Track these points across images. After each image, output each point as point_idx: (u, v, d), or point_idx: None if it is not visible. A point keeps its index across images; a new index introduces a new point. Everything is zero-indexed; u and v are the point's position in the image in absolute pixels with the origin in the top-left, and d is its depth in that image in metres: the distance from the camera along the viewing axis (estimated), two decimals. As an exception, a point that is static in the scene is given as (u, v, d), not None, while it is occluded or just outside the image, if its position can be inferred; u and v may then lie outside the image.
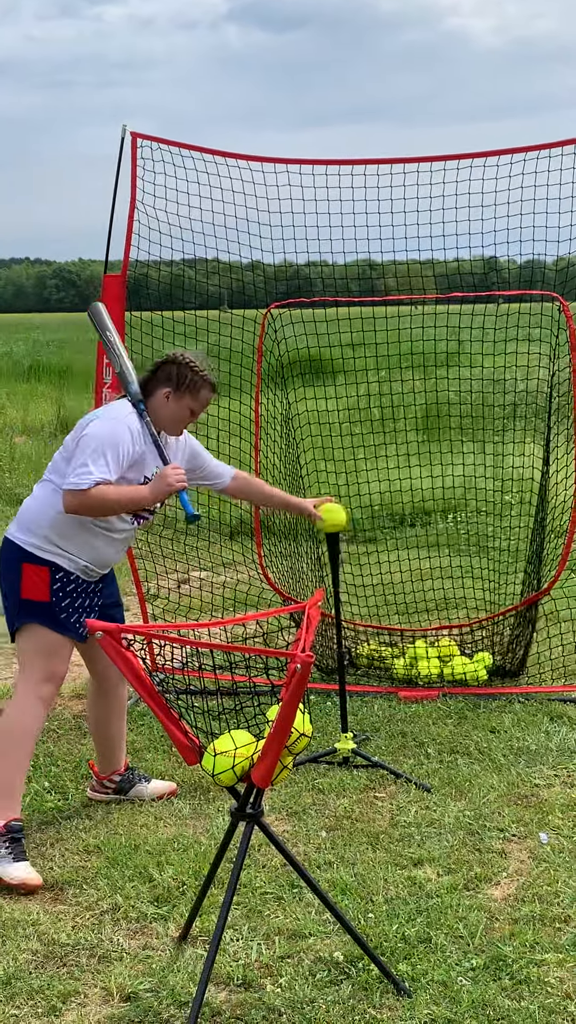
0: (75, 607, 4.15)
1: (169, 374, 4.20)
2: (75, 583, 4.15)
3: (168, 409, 4.20)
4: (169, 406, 4.20)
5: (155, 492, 4.08)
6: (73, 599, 4.15)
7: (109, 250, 5.55)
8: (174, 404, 4.19)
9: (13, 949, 3.50)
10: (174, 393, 4.19)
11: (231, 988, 3.30)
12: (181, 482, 4.10)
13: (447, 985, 3.26)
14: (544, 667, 5.94)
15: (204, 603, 6.59)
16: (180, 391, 4.19)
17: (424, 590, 6.74)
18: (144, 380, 4.26)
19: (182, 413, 4.23)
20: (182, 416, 4.24)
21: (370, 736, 5.17)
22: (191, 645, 3.26)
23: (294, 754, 3.14)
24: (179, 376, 4.19)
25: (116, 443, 4.01)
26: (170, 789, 4.59)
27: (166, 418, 4.22)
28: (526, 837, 4.19)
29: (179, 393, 4.19)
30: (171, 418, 4.23)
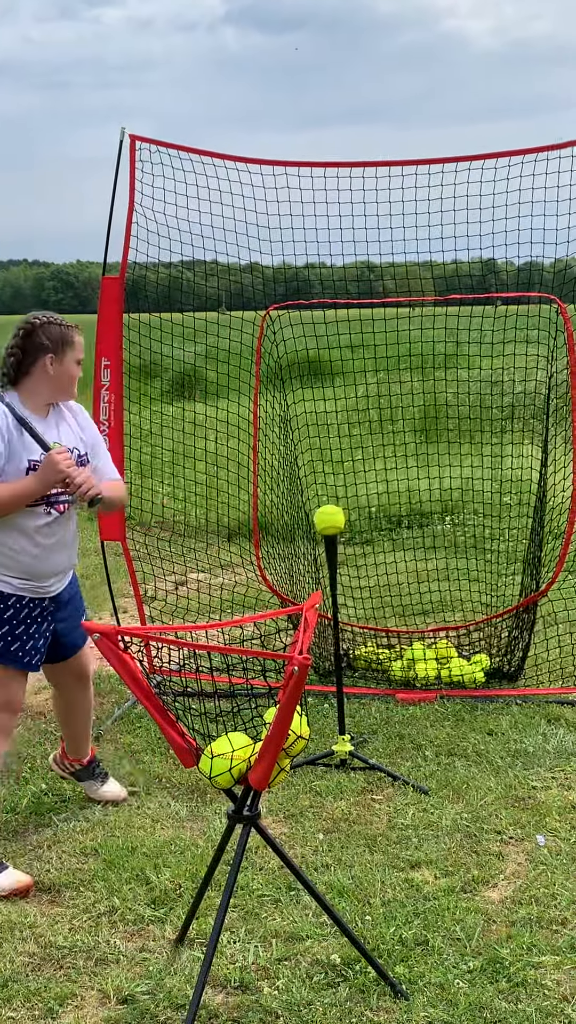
0: (17, 635, 3.93)
1: (40, 342, 3.88)
2: (15, 608, 3.92)
3: (58, 375, 3.91)
4: (57, 371, 3.90)
5: (43, 481, 3.76)
6: (14, 626, 3.92)
7: (108, 252, 5.55)
8: (60, 367, 3.90)
9: (10, 951, 3.50)
10: (56, 355, 3.89)
11: (228, 990, 3.30)
12: (69, 465, 3.77)
13: (444, 987, 3.26)
14: (542, 669, 5.94)
15: (202, 605, 6.59)
16: (60, 350, 3.90)
17: (422, 592, 6.73)
18: (14, 364, 3.90)
19: (72, 369, 3.95)
20: (73, 372, 3.96)
21: (367, 738, 5.17)
22: (188, 647, 3.26)
23: (291, 756, 3.13)
24: (50, 337, 3.88)
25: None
26: (120, 796, 4.56)
27: (58, 385, 3.94)
28: (523, 839, 4.19)
29: (60, 352, 3.90)
30: (64, 381, 3.94)
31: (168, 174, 5.62)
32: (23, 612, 3.94)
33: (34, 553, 3.90)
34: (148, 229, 5.65)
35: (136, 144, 5.56)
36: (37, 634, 3.99)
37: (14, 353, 3.89)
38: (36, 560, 3.91)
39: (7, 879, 3.87)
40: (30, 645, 3.96)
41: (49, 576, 4.00)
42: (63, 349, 3.90)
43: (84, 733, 4.52)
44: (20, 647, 3.94)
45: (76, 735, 4.51)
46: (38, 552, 3.91)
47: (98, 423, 5.14)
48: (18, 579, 3.91)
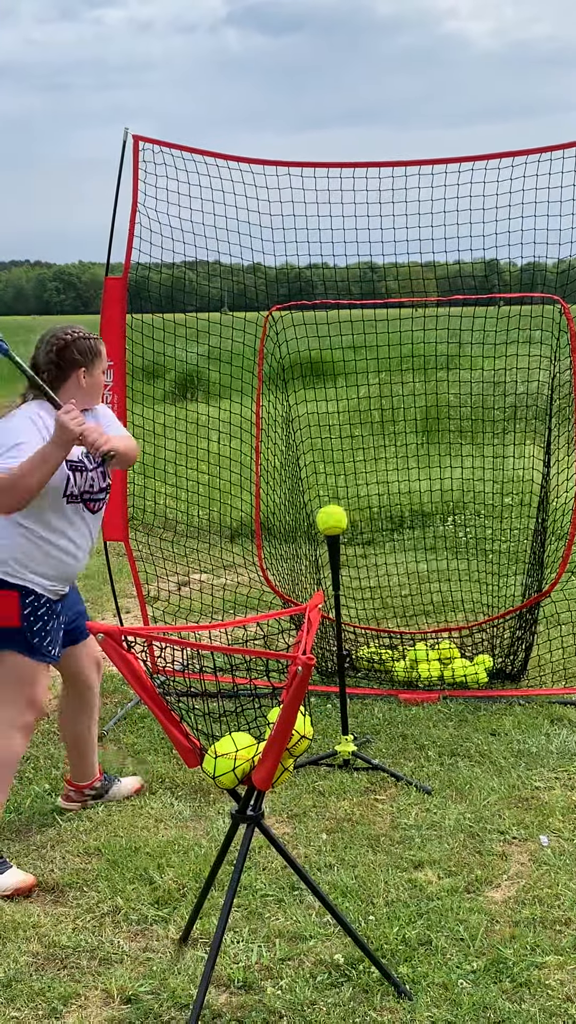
0: (47, 630, 4.05)
1: (72, 357, 4.04)
2: (45, 606, 4.04)
3: (89, 386, 4.10)
4: (89, 383, 4.10)
5: (59, 441, 3.78)
6: (45, 623, 4.04)
7: (111, 252, 5.55)
8: (91, 379, 4.10)
9: (14, 951, 3.50)
10: (87, 369, 4.08)
11: (232, 990, 3.30)
12: (80, 422, 3.81)
13: (448, 988, 3.26)
14: (545, 669, 5.94)
15: (204, 605, 6.59)
16: (91, 363, 4.09)
17: (423, 592, 6.74)
18: (51, 379, 4.02)
19: (100, 379, 4.18)
20: (101, 381, 4.20)
21: (370, 739, 5.17)
22: (192, 647, 3.27)
23: (295, 756, 3.14)
24: (80, 351, 4.06)
25: (4, 429, 3.89)
26: (139, 784, 4.65)
27: (90, 396, 4.13)
28: (527, 840, 4.19)
29: (91, 366, 4.10)
30: (95, 391, 4.16)
31: (171, 174, 5.63)
32: (52, 608, 4.07)
33: (67, 560, 4.07)
34: (151, 230, 5.65)
35: (139, 144, 5.56)
36: (58, 627, 4.13)
37: (48, 369, 4.02)
38: (68, 567, 4.09)
39: (10, 878, 3.88)
40: (52, 639, 4.08)
41: (72, 579, 4.21)
42: (93, 362, 4.09)
43: (93, 744, 4.50)
44: (52, 642, 4.07)
45: (87, 747, 4.48)
46: (72, 560, 4.09)
47: None
48: (50, 582, 4.03)
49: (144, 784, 4.65)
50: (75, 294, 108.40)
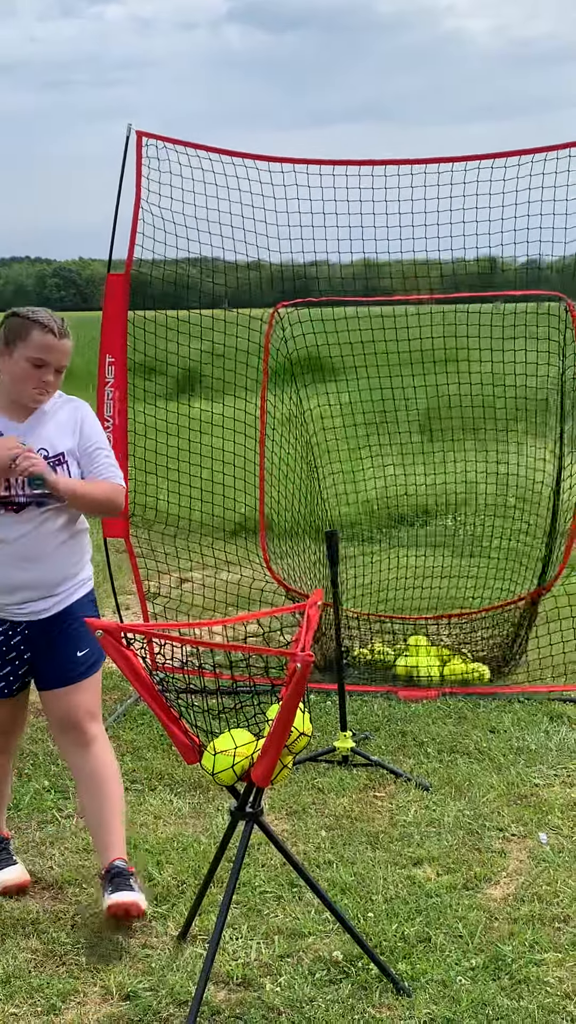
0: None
1: (1, 335, 3.55)
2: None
3: (7, 372, 3.54)
4: (7, 368, 3.53)
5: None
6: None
7: (113, 249, 5.55)
8: (10, 363, 3.51)
9: (12, 948, 3.50)
10: (5, 350, 3.52)
11: (230, 987, 3.30)
12: (33, 464, 3.44)
13: (446, 984, 3.26)
14: (544, 666, 5.94)
15: (205, 601, 6.59)
16: (10, 345, 3.51)
17: (425, 587, 6.73)
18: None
19: (19, 368, 3.50)
20: (22, 372, 3.51)
21: (370, 735, 5.17)
22: (191, 644, 3.27)
23: (294, 753, 3.14)
24: (5, 331, 3.53)
25: None
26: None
27: (11, 384, 3.55)
28: (526, 837, 4.19)
29: (9, 348, 3.51)
30: (14, 378, 3.53)
31: (174, 171, 5.61)
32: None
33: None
34: (154, 226, 5.64)
35: (142, 140, 5.56)
36: (1, 660, 3.61)
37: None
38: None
39: (7, 874, 3.86)
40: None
41: (11, 590, 3.57)
42: (13, 344, 3.51)
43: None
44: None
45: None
46: (4, 566, 3.55)
47: (102, 420, 5.09)
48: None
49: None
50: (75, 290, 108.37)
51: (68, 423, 3.67)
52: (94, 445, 3.69)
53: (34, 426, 3.61)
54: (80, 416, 3.71)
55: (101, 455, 3.71)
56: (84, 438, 3.68)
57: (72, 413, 3.70)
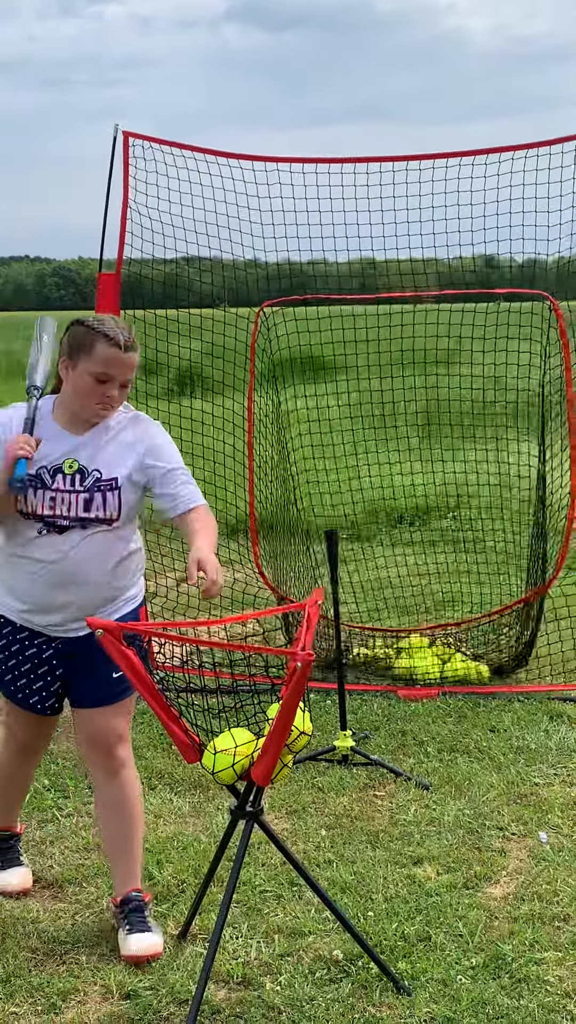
0: (8, 665, 3.52)
1: (63, 346, 3.39)
2: (8, 635, 3.49)
3: (70, 384, 3.36)
4: (70, 380, 3.36)
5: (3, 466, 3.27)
6: (6, 653, 3.51)
7: (103, 248, 5.56)
8: (73, 375, 3.34)
9: (12, 947, 3.50)
10: (68, 361, 3.34)
11: (231, 986, 3.30)
12: (20, 449, 3.26)
13: (446, 983, 3.26)
14: (544, 665, 5.94)
15: (203, 602, 6.58)
16: (73, 357, 3.33)
17: (422, 586, 6.74)
18: (56, 369, 3.49)
19: (82, 382, 3.32)
20: (84, 386, 3.32)
21: (369, 734, 5.17)
22: (191, 643, 3.26)
23: (294, 752, 3.13)
24: (70, 341, 3.36)
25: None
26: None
27: (73, 397, 3.38)
28: (526, 836, 4.19)
29: (73, 359, 3.33)
30: (76, 392, 3.35)
31: (162, 171, 5.63)
32: (18, 638, 3.50)
33: (29, 580, 3.42)
34: (143, 226, 5.65)
35: (129, 141, 5.56)
36: (31, 671, 3.51)
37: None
38: (31, 589, 3.42)
39: (11, 876, 3.85)
40: (22, 682, 3.52)
41: (48, 608, 3.44)
42: (77, 355, 3.33)
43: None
44: (16, 683, 3.54)
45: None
46: (37, 582, 3.41)
47: None
48: (20, 603, 3.46)
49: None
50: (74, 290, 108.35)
51: (132, 445, 3.44)
52: (167, 467, 3.45)
53: (94, 441, 3.41)
54: (147, 438, 3.48)
55: (178, 477, 3.47)
56: (155, 461, 3.45)
57: (138, 434, 3.47)
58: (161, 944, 3.46)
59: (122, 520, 3.42)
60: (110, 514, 3.38)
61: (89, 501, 3.36)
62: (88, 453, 3.40)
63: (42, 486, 3.35)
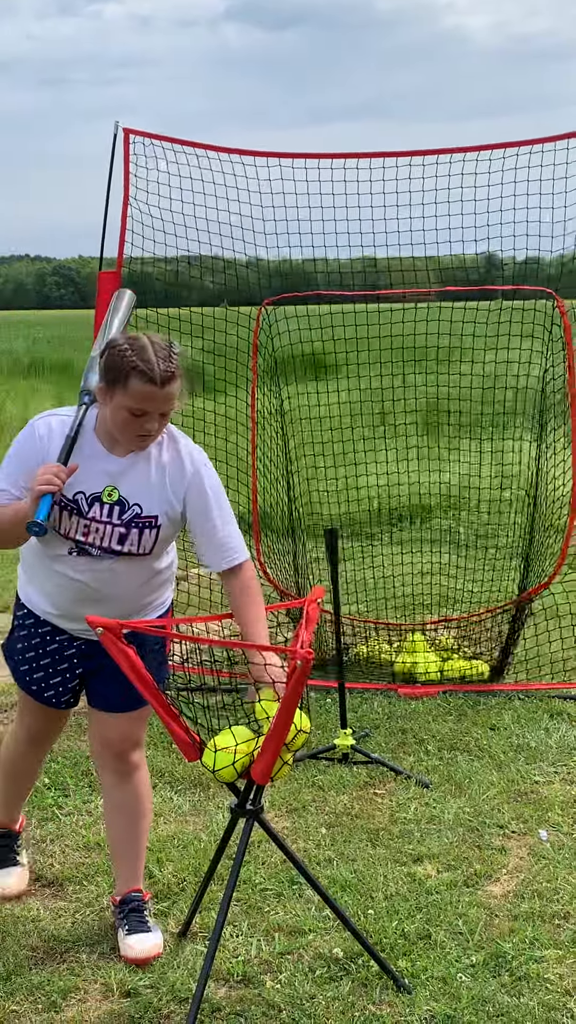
0: (27, 657, 3.47)
1: (102, 367, 3.20)
2: (31, 628, 3.45)
3: (108, 412, 3.19)
4: (108, 408, 3.18)
5: (29, 499, 3.11)
6: (26, 644, 3.46)
7: (104, 247, 5.55)
8: (111, 406, 3.16)
9: (13, 945, 3.50)
10: (106, 389, 3.16)
11: (231, 984, 3.30)
12: (45, 484, 3.07)
13: (447, 981, 3.26)
14: (544, 663, 5.93)
15: (203, 600, 6.58)
16: (110, 386, 3.14)
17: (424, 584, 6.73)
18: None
19: (119, 416, 3.15)
20: (121, 420, 3.15)
21: (370, 733, 5.17)
22: (191, 641, 3.26)
23: (293, 751, 3.13)
24: (107, 366, 3.16)
25: (13, 448, 3.27)
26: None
27: (111, 426, 3.21)
28: (526, 834, 4.19)
29: (110, 389, 3.14)
30: (115, 425, 3.19)
31: (163, 167, 5.62)
32: (42, 633, 3.45)
33: (58, 593, 3.36)
34: (144, 224, 5.64)
35: (129, 138, 5.55)
36: (52, 667, 3.45)
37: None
38: (58, 599, 3.37)
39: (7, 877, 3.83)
40: (40, 675, 3.46)
41: (77, 619, 3.33)
42: (113, 387, 3.13)
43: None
44: (29, 670, 3.48)
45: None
46: (65, 595, 3.35)
47: None
48: (51, 606, 3.41)
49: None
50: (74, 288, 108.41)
51: (174, 479, 3.30)
52: (211, 521, 3.33)
53: (136, 468, 3.26)
54: (190, 473, 3.31)
55: (218, 531, 3.34)
56: (197, 507, 3.32)
57: (180, 466, 3.30)
58: (161, 944, 3.45)
59: (156, 553, 3.33)
60: (143, 549, 3.28)
61: (124, 536, 3.24)
62: (129, 482, 3.25)
63: (78, 513, 3.22)
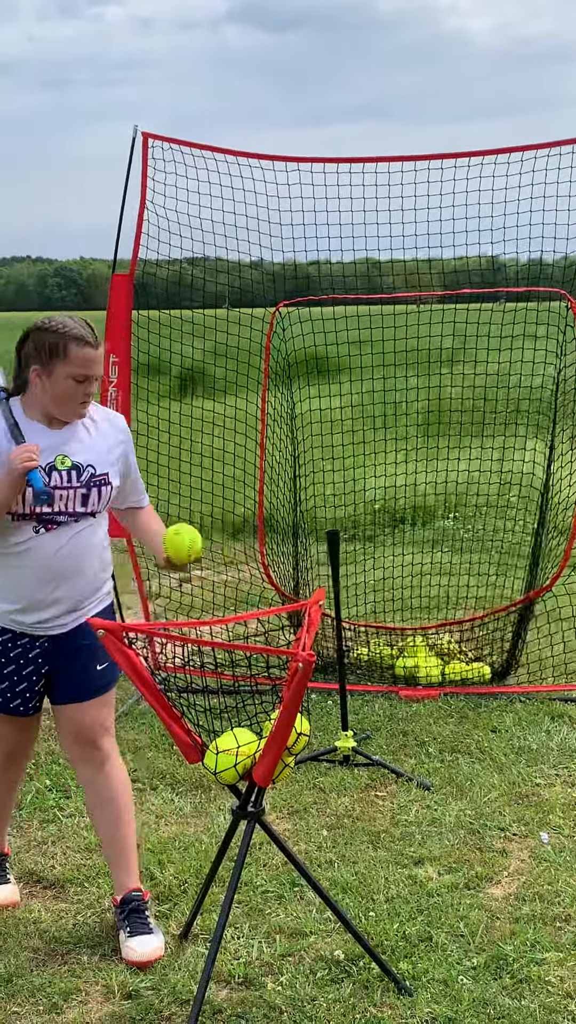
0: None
1: (28, 351, 3.36)
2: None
3: (48, 391, 3.34)
4: (47, 386, 3.34)
5: (8, 481, 3.26)
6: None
7: (118, 249, 5.56)
8: (49, 381, 3.32)
9: (15, 947, 3.50)
10: (43, 368, 3.32)
11: (232, 986, 3.30)
12: (27, 461, 3.24)
13: (448, 984, 3.26)
14: (545, 666, 5.94)
15: (205, 602, 6.59)
16: (48, 362, 3.31)
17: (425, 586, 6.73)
18: (16, 372, 3.45)
19: (64, 386, 3.32)
20: (66, 390, 3.33)
21: (371, 735, 5.17)
22: (193, 643, 3.26)
23: (294, 754, 3.14)
24: (40, 346, 3.33)
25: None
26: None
27: (53, 402, 3.36)
28: (527, 836, 4.19)
29: (48, 365, 3.31)
30: (58, 398, 3.34)
31: (179, 171, 5.63)
32: (6, 645, 3.46)
33: (25, 580, 3.39)
34: (159, 226, 5.65)
35: (148, 141, 5.56)
36: (18, 675, 3.47)
37: (15, 359, 3.45)
38: (26, 589, 3.40)
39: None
40: (5, 686, 3.47)
41: (40, 605, 3.41)
42: (52, 362, 3.31)
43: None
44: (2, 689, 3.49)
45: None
46: (31, 580, 3.39)
47: None
48: (10, 604, 3.43)
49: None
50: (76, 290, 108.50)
51: (113, 443, 3.53)
52: (136, 470, 3.69)
53: (76, 436, 3.44)
54: (125, 436, 3.60)
55: (140, 482, 3.75)
56: (131, 465, 3.64)
57: (115, 433, 3.55)
58: (162, 945, 3.46)
59: (103, 512, 3.53)
60: (101, 507, 3.48)
61: (86, 496, 3.40)
62: (75, 448, 3.42)
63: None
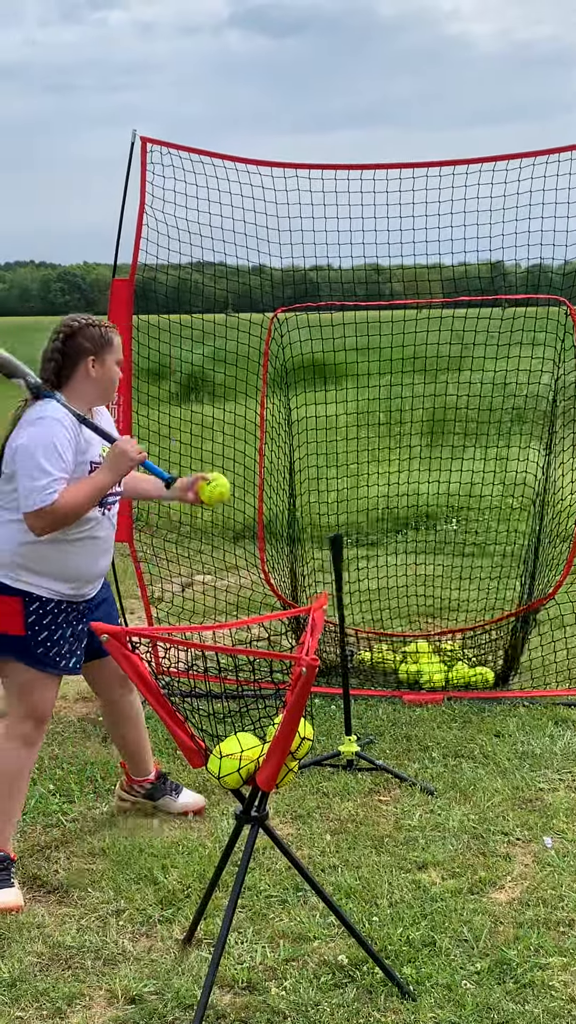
0: (55, 640, 3.86)
1: (80, 345, 3.85)
2: (54, 613, 3.86)
3: (99, 378, 3.89)
4: (99, 373, 3.88)
5: (116, 470, 3.80)
6: (52, 631, 3.86)
7: (118, 254, 5.56)
8: (101, 368, 3.88)
9: (18, 951, 3.50)
10: (97, 358, 3.87)
11: (235, 991, 3.30)
12: (141, 452, 3.84)
13: (451, 989, 3.26)
14: (549, 671, 5.93)
15: (208, 607, 6.60)
16: (101, 352, 3.87)
17: (427, 594, 6.73)
18: (55, 369, 3.86)
19: (113, 372, 3.93)
20: (114, 375, 3.94)
21: (374, 740, 5.17)
22: (196, 648, 3.27)
23: (297, 758, 3.14)
24: (90, 339, 3.86)
25: (51, 442, 3.67)
26: (199, 804, 4.43)
27: (101, 389, 3.92)
28: (531, 841, 4.19)
29: (101, 354, 3.87)
30: (107, 384, 3.93)
31: (178, 176, 5.64)
32: (61, 616, 3.88)
33: (85, 560, 3.89)
34: (158, 231, 5.66)
35: (147, 146, 5.57)
36: (73, 636, 3.93)
37: (55, 358, 3.84)
38: (87, 567, 3.91)
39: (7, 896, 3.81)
40: (66, 649, 3.90)
41: (96, 578, 4.01)
42: (104, 350, 3.88)
43: (142, 745, 4.40)
44: (58, 652, 3.88)
45: (133, 750, 4.39)
46: (91, 559, 3.91)
47: None
48: (69, 584, 3.88)
49: (203, 807, 4.44)
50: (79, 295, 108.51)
51: (103, 421, 4.02)
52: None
53: (100, 423, 3.96)
54: (103, 413, 4.09)
55: None
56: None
57: (99, 412, 4.03)
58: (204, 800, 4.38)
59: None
60: (121, 488, 4.03)
61: None
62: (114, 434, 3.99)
63: None
